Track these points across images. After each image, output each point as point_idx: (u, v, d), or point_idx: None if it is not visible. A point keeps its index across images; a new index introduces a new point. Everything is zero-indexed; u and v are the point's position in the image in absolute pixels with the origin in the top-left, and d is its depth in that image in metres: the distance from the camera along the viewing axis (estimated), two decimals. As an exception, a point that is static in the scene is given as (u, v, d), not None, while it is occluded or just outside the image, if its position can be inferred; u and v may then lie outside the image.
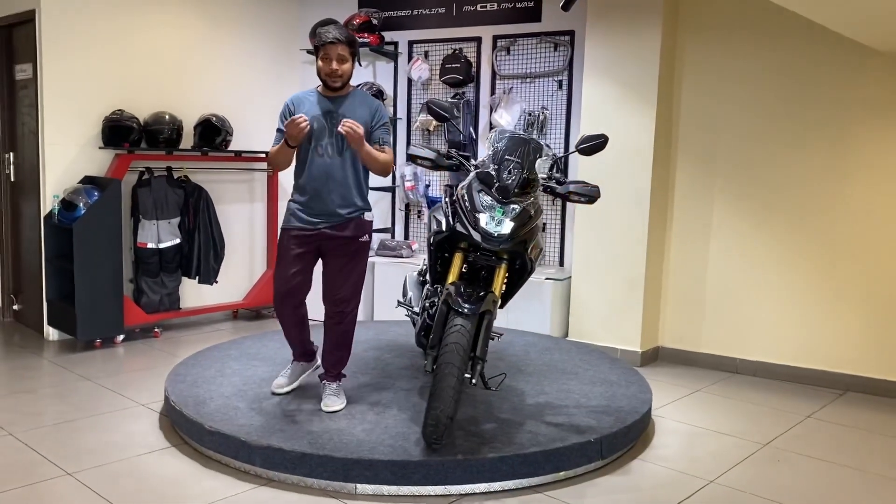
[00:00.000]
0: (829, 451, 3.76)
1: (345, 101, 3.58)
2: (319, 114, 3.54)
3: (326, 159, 3.52)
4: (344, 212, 3.57)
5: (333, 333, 3.72)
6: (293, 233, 3.60)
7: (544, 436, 3.38)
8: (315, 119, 3.51)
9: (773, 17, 4.76)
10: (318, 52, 3.53)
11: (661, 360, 5.37)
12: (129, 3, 5.60)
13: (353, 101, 3.60)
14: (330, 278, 3.65)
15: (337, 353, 3.75)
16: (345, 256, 3.62)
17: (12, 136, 5.78)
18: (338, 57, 3.48)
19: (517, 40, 5.72)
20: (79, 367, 4.81)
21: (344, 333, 3.72)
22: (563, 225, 5.69)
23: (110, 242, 5.21)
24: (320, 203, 3.56)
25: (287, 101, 3.63)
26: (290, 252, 3.60)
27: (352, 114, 3.52)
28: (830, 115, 4.71)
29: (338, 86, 3.54)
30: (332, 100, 3.58)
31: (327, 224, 3.57)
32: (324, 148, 3.53)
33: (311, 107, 3.55)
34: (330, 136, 3.52)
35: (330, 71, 3.50)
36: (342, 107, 3.56)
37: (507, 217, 3.27)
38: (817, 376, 4.84)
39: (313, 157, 3.53)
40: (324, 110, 3.55)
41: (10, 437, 3.64)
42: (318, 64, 3.54)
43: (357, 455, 3.13)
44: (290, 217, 3.62)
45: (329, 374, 3.76)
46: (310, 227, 3.58)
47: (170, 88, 5.83)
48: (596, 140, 3.54)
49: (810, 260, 4.84)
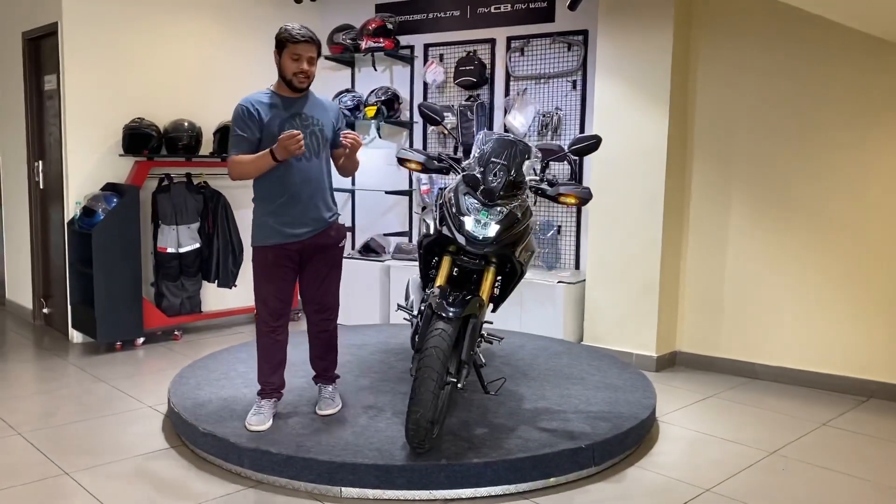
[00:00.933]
0: (840, 461, 3.61)
1: (306, 103, 3.47)
2: (287, 117, 3.40)
3: (304, 163, 3.41)
4: (327, 215, 3.53)
5: (321, 340, 3.70)
6: (275, 250, 3.45)
7: (535, 441, 3.33)
8: (285, 122, 3.38)
9: (790, 10, 4.60)
10: (284, 49, 3.36)
11: (678, 364, 5.24)
12: (148, 13, 5.74)
13: (314, 102, 3.50)
14: (315, 286, 3.59)
15: (328, 357, 3.74)
16: (328, 264, 3.58)
17: (41, 146, 5.97)
18: (308, 58, 3.37)
19: (531, 41, 5.67)
20: (97, 369, 4.94)
21: (332, 337, 3.72)
22: (578, 228, 5.62)
23: (129, 247, 5.34)
24: (302, 211, 3.43)
25: (244, 104, 3.39)
26: (277, 269, 3.47)
27: (319, 114, 3.46)
28: (852, 112, 4.54)
29: (304, 87, 3.42)
30: (293, 101, 3.44)
31: (310, 233, 3.47)
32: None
33: (276, 110, 3.40)
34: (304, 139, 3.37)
35: (300, 71, 3.35)
36: (305, 108, 3.45)
37: (493, 220, 3.24)
38: (839, 382, 4.66)
39: (290, 163, 3.36)
40: (290, 113, 3.42)
41: (18, 437, 3.75)
42: (283, 62, 3.37)
43: (342, 459, 3.13)
44: (268, 234, 3.44)
45: (323, 377, 3.76)
46: (292, 241, 3.45)
47: (189, 96, 5.95)
48: (588, 141, 3.48)
49: (832, 261, 4.66)
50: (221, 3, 6.17)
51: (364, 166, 6.60)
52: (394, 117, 6.19)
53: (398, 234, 6.43)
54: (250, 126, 3.38)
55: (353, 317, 6.16)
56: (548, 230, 5.67)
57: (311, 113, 3.47)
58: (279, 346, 3.59)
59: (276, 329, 3.56)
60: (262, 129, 3.39)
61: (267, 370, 3.60)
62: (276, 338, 3.57)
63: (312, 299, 3.63)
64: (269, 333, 3.55)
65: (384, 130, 6.46)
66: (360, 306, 6.15)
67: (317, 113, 3.48)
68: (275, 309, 3.53)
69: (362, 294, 6.14)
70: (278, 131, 3.33)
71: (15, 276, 6.58)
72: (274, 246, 3.45)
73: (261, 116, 3.38)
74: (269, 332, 3.55)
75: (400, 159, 3.67)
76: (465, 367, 3.19)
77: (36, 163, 5.99)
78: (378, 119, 6.13)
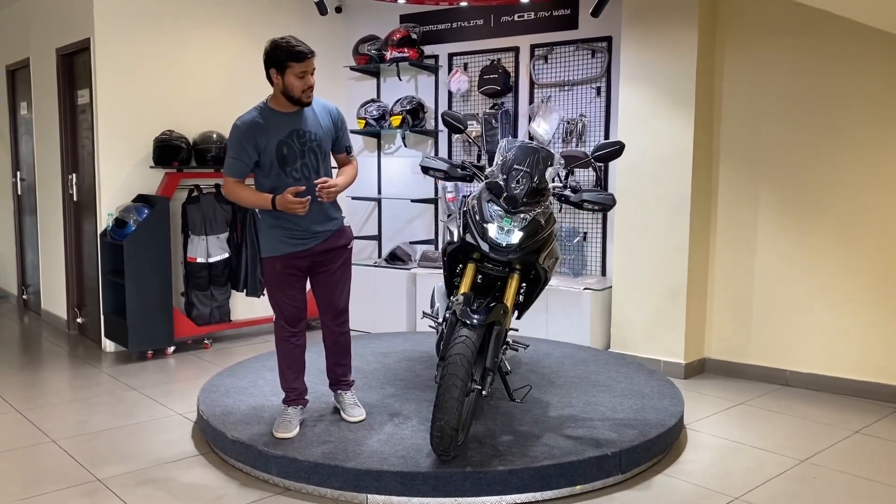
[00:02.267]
0: (873, 469, 3.54)
1: (305, 114, 3.43)
2: (284, 136, 3.37)
3: (303, 181, 3.39)
4: (330, 225, 3.54)
5: (338, 345, 3.74)
6: (283, 260, 3.48)
7: (560, 449, 3.32)
8: (283, 145, 3.36)
9: (816, 12, 4.55)
10: (287, 68, 3.29)
11: (707, 371, 5.18)
12: (177, 27, 5.85)
13: (312, 112, 3.47)
14: (328, 292, 3.63)
15: (344, 362, 3.79)
16: (338, 269, 3.62)
17: (75, 159, 6.11)
18: (312, 71, 3.36)
19: (554, 48, 5.68)
20: (128, 378, 5.02)
21: (347, 342, 3.77)
22: (604, 234, 5.59)
23: (159, 258, 5.43)
24: (308, 224, 3.44)
25: (239, 126, 3.36)
26: (287, 277, 3.51)
27: (317, 128, 3.45)
28: (881, 112, 4.47)
29: (310, 102, 3.40)
30: (291, 116, 3.40)
31: (317, 240, 3.50)
32: (299, 171, 3.40)
33: (276, 130, 3.36)
34: (302, 157, 3.40)
35: (307, 86, 3.32)
36: (304, 121, 3.42)
37: (516, 227, 3.24)
38: (873, 389, 4.57)
39: (288, 182, 3.36)
40: (289, 130, 3.38)
41: (53, 444, 3.83)
42: (289, 81, 3.31)
43: (367, 466, 3.15)
44: (278, 245, 3.47)
45: (342, 384, 3.80)
46: (301, 250, 3.49)
47: (217, 108, 6.04)
48: (611, 147, 3.47)
49: (864, 264, 4.59)
50: (248, 17, 6.26)
51: (390, 175, 6.72)
52: (419, 126, 6.23)
53: (424, 242, 6.46)
54: (247, 150, 3.35)
55: (380, 325, 6.20)
56: (573, 237, 5.65)
57: (308, 128, 3.43)
58: (299, 351, 3.66)
59: (296, 334, 3.63)
60: (259, 151, 3.37)
61: (290, 376, 3.66)
62: (295, 342, 3.64)
63: (327, 305, 3.67)
64: (289, 339, 3.62)
65: (409, 139, 6.50)
66: (386, 314, 6.18)
67: (315, 127, 3.45)
68: (291, 315, 3.60)
69: (389, 302, 6.17)
70: (276, 152, 3.35)
71: (50, 287, 6.72)
72: (282, 256, 3.49)
73: (257, 140, 3.35)
74: (288, 337, 3.62)
75: (424, 167, 3.69)
76: (489, 374, 3.20)
77: (70, 175, 6.13)
78: (403, 128, 6.17)
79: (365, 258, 6.78)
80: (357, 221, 6.90)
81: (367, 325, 6.28)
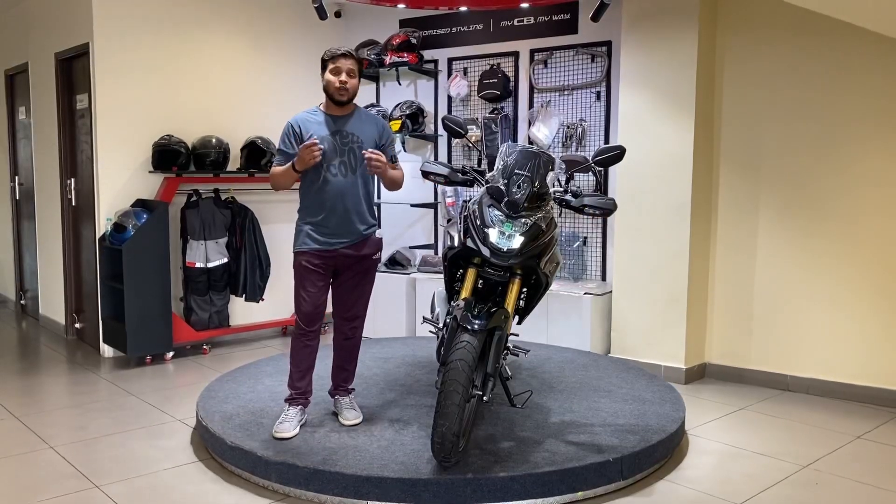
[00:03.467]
0: (876, 475, 3.53)
1: (351, 120, 3.57)
2: (327, 134, 3.51)
3: (340, 178, 3.50)
4: (362, 228, 3.59)
5: (345, 350, 3.76)
6: (311, 254, 3.56)
7: (562, 455, 3.30)
8: (324, 140, 3.48)
9: (817, 16, 4.55)
10: (326, 67, 3.52)
11: (708, 376, 5.17)
12: (176, 31, 5.84)
13: (359, 119, 3.61)
14: (345, 296, 3.68)
15: (348, 367, 3.81)
16: (360, 274, 3.66)
17: (73, 163, 6.09)
18: (348, 70, 3.49)
19: (554, 53, 5.67)
20: (127, 383, 5.00)
21: (355, 347, 3.80)
22: (604, 239, 5.58)
23: (158, 263, 5.41)
24: (338, 223, 3.53)
25: (290, 122, 3.57)
26: (311, 273, 3.57)
27: (360, 132, 3.54)
28: (881, 118, 4.47)
29: (345, 100, 3.52)
30: (337, 118, 3.56)
31: (345, 244, 3.56)
32: (337, 168, 3.50)
33: (318, 127, 3.52)
34: (342, 156, 3.52)
35: (340, 84, 3.48)
36: (349, 125, 3.56)
37: (517, 231, 3.23)
38: (874, 394, 4.56)
39: (326, 178, 3.50)
40: (332, 130, 3.53)
41: (51, 451, 3.80)
42: (326, 78, 3.52)
43: (368, 472, 3.13)
44: (305, 239, 3.57)
45: (342, 389, 3.80)
46: (327, 249, 3.55)
47: (216, 113, 6.04)
48: (612, 152, 3.46)
49: (865, 269, 4.58)
50: (248, 22, 6.26)
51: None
52: (418, 131, 6.22)
53: (424, 247, 6.44)
54: (292, 142, 3.51)
55: (380, 330, 6.18)
56: (574, 241, 5.64)
57: (353, 130, 3.55)
58: (309, 351, 3.67)
59: (308, 334, 3.65)
60: (301, 143, 3.48)
61: (296, 375, 3.69)
62: (306, 342, 3.66)
63: (343, 308, 3.70)
64: (301, 337, 3.65)
65: (409, 144, 6.49)
66: (386, 319, 6.16)
67: (358, 130, 3.56)
68: (307, 313, 3.61)
69: (388, 307, 6.15)
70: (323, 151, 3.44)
71: (48, 292, 6.70)
72: (308, 251, 3.55)
73: (301, 132, 3.51)
74: (301, 335, 3.65)
75: (424, 172, 3.68)
76: (490, 379, 3.18)
77: (68, 180, 6.11)
78: (403, 133, 6.16)
79: (364, 263, 6.76)
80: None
81: (367, 330, 6.14)
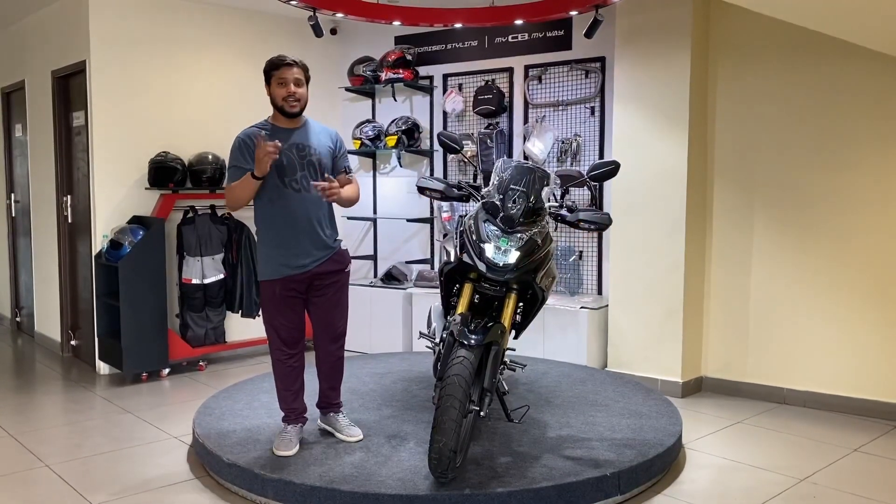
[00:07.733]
0: (873, 488, 3.53)
1: (303, 131, 3.49)
2: (285, 148, 3.38)
3: (303, 193, 3.41)
4: (330, 243, 3.54)
5: (331, 367, 3.73)
6: (282, 283, 3.47)
7: (559, 470, 3.30)
8: (282, 154, 3.36)
9: (808, 32, 4.59)
10: (270, 79, 3.42)
11: (704, 390, 5.17)
12: (173, 51, 5.87)
13: (312, 130, 3.53)
14: (327, 317, 3.62)
15: (338, 385, 3.79)
16: (336, 291, 3.61)
17: (70, 180, 6.10)
18: (294, 80, 3.40)
19: (548, 69, 5.71)
20: (123, 401, 4.98)
21: (342, 364, 3.77)
22: (599, 253, 5.60)
23: (154, 279, 5.41)
24: (303, 240, 3.44)
25: (241, 137, 3.43)
26: (287, 300, 3.49)
27: (316, 143, 3.48)
28: (875, 132, 4.50)
29: (296, 111, 3.43)
30: (291, 131, 3.46)
31: (316, 262, 3.49)
32: (299, 182, 3.41)
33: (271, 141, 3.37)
34: (302, 170, 3.42)
35: (287, 94, 3.39)
36: (303, 137, 3.47)
37: (513, 246, 3.24)
38: (871, 407, 4.57)
39: (287, 194, 3.40)
40: (289, 143, 3.42)
41: (45, 469, 3.79)
42: (272, 91, 3.42)
43: (365, 489, 3.12)
44: (277, 268, 3.46)
45: (334, 406, 3.79)
46: (299, 272, 3.47)
47: (213, 130, 6.05)
48: (606, 167, 3.49)
49: (860, 282, 4.60)
50: (244, 39, 6.29)
51: (385, 195, 6.72)
52: (414, 146, 6.25)
53: (420, 262, 6.45)
54: (246, 158, 3.40)
55: (376, 345, 6.17)
56: (569, 255, 5.66)
57: (308, 143, 3.48)
58: (297, 372, 3.64)
59: (293, 356, 3.61)
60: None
61: (289, 397, 3.64)
62: (293, 364, 3.62)
63: (327, 330, 3.65)
64: (286, 360, 3.60)
65: (405, 159, 6.52)
66: (382, 334, 6.16)
67: (314, 141, 3.50)
68: (288, 338, 3.58)
69: (385, 322, 6.15)
70: (276, 163, 3.35)
71: (44, 309, 6.69)
72: (277, 279, 3.48)
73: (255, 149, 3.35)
74: (285, 358, 3.60)
75: (420, 188, 3.70)
76: (487, 394, 3.18)
77: (64, 197, 6.11)
78: (399, 148, 6.19)
79: (361, 278, 6.77)
80: (353, 241, 6.89)
81: (363, 346, 6.26)
